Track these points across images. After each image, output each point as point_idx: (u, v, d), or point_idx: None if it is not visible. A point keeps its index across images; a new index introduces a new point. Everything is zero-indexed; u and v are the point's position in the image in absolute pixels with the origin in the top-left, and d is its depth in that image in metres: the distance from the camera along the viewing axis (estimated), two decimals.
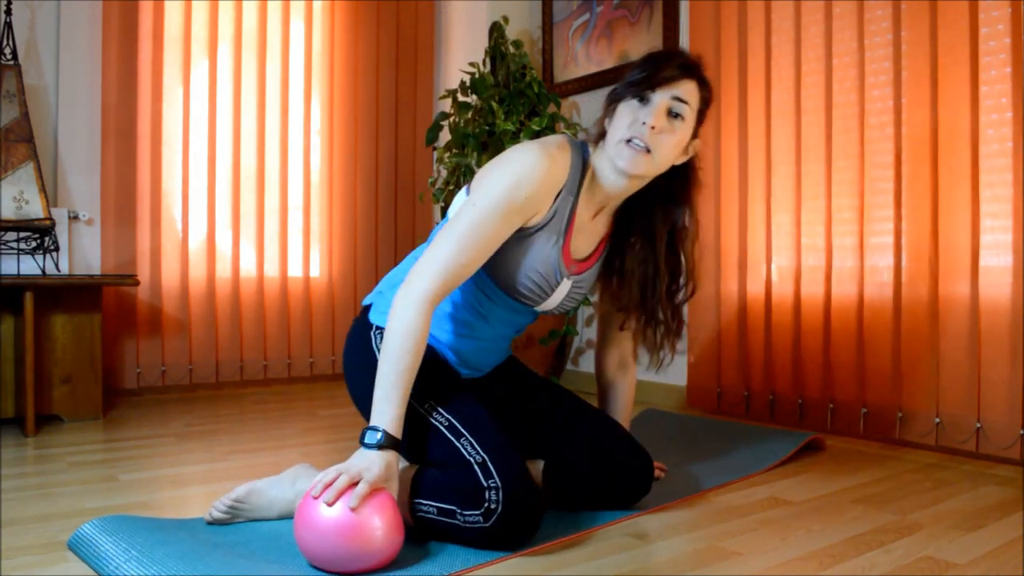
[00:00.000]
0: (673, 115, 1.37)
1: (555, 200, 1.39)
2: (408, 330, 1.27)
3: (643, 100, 1.37)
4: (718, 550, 1.33)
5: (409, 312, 1.27)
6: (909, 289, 2.14)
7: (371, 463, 1.20)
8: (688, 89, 1.39)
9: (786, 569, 1.24)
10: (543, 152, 1.35)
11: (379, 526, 1.16)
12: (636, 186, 1.42)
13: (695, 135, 1.44)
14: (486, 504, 1.25)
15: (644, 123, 1.34)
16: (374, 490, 1.18)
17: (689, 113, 1.39)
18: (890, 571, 1.23)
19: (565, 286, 1.48)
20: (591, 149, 1.45)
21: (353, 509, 1.15)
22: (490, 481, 1.25)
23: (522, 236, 1.39)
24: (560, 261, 1.43)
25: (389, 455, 1.23)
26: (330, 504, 1.15)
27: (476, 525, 1.26)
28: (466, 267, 1.32)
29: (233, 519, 1.40)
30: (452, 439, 1.34)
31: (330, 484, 1.18)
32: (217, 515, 1.40)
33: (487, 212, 1.31)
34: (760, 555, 1.31)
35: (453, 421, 1.36)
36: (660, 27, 2.89)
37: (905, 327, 2.15)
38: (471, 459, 1.29)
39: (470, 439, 1.32)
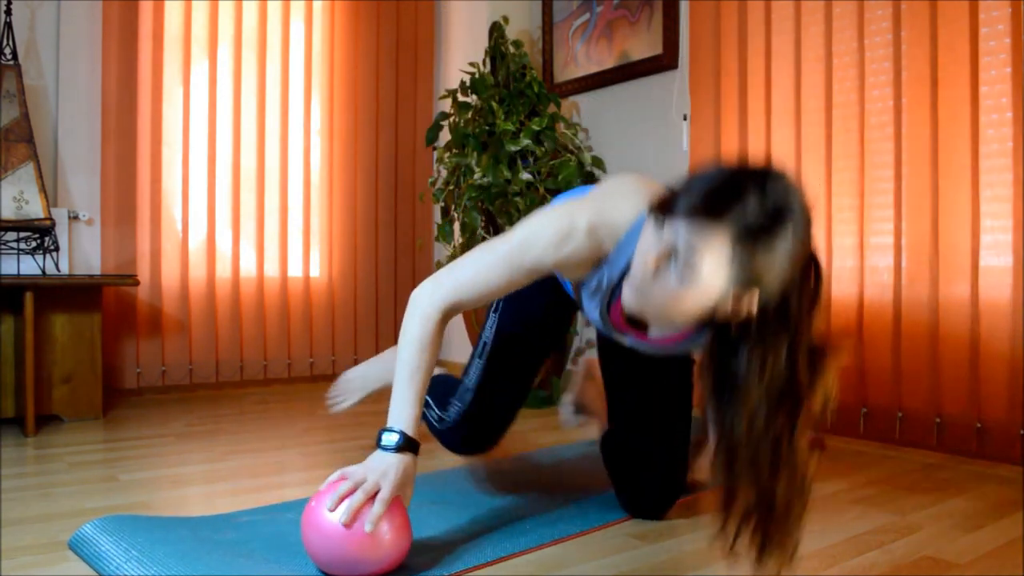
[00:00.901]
0: (684, 265, 1.01)
1: (595, 275, 1.27)
2: (421, 343, 1.27)
3: (662, 237, 1.04)
4: (718, 550, 1.33)
5: (425, 326, 1.28)
6: (909, 289, 2.14)
7: (388, 468, 1.19)
8: (705, 243, 1.00)
9: (786, 569, 1.24)
10: (579, 220, 1.21)
11: (389, 538, 1.15)
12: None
13: (747, 287, 1.01)
14: (448, 410, 1.56)
15: (646, 256, 1.06)
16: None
17: (708, 266, 0.99)
18: (890, 571, 1.23)
19: (628, 339, 1.33)
20: None
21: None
22: (456, 401, 1.54)
23: (580, 301, 1.36)
24: (609, 326, 1.32)
25: (407, 458, 1.21)
26: (347, 526, 1.12)
27: (433, 421, 1.56)
28: (479, 299, 1.30)
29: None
30: (476, 354, 1.58)
31: (344, 497, 1.14)
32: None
33: (505, 257, 1.25)
34: None
35: (488, 345, 1.57)
36: (660, 27, 2.89)
37: (905, 327, 2.15)
38: (464, 379, 1.54)
39: (481, 367, 1.54)
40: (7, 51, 2.67)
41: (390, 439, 1.21)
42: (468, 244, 2.91)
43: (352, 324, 3.53)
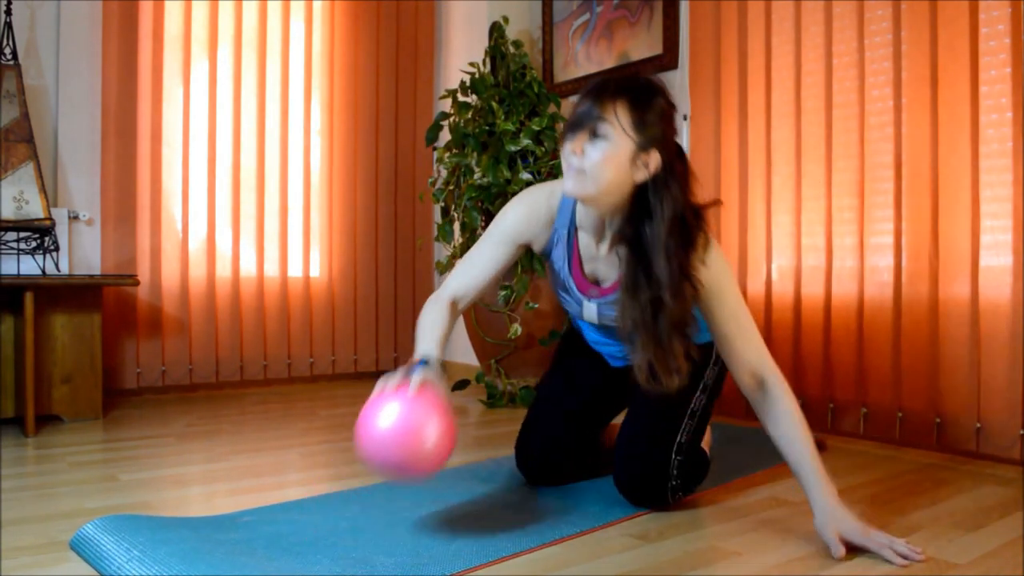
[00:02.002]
0: (592, 136, 1.37)
1: (552, 231, 1.61)
2: (428, 306, 1.56)
3: (574, 129, 1.40)
4: (718, 550, 1.33)
5: (433, 306, 1.56)
6: (909, 289, 2.14)
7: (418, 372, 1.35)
8: (610, 107, 1.36)
9: (786, 569, 1.24)
10: (530, 192, 1.65)
11: (434, 427, 1.27)
12: (601, 208, 1.45)
13: (646, 148, 1.36)
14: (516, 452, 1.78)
15: (570, 149, 1.40)
16: (430, 393, 1.30)
17: (614, 134, 1.35)
18: (890, 571, 1.23)
19: (591, 307, 1.60)
20: None
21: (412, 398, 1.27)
22: (517, 441, 1.77)
23: (545, 259, 1.67)
24: (571, 283, 1.61)
25: (433, 368, 1.38)
26: (390, 392, 1.29)
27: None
28: (476, 279, 1.61)
29: None
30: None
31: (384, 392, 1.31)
32: None
33: (485, 238, 1.63)
34: (760, 555, 1.31)
35: (540, 387, 1.89)
36: (660, 27, 2.89)
37: (905, 327, 2.15)
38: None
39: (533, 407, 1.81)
40: (7, 51, 2.67)
41: (415, 363, 1.37)
42: (468, 244, 2.91)
43: (352, 324, 3.53)
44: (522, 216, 1.61)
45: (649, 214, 1.40)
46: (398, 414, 1.25)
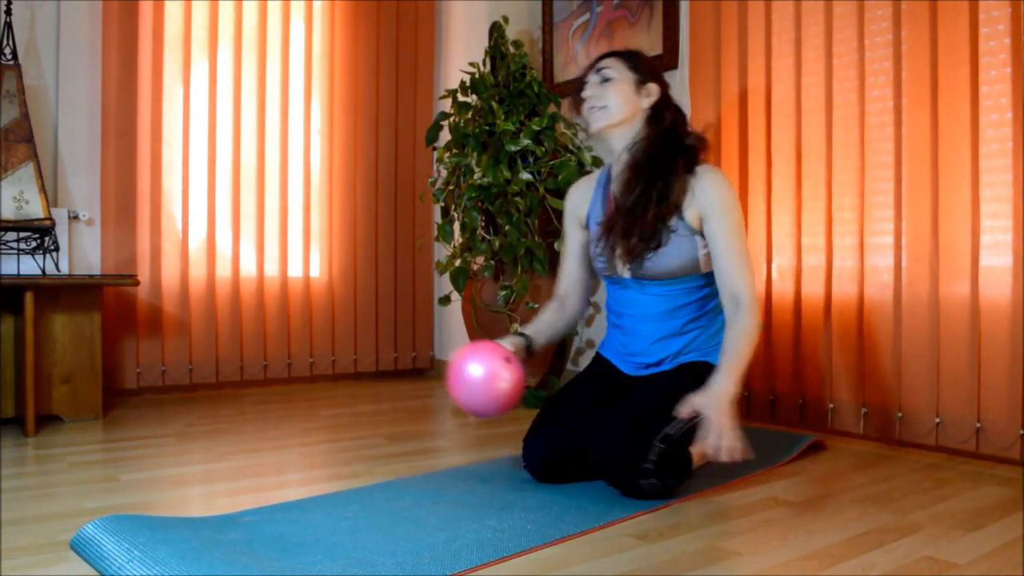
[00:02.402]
0: (602, 80, 1.81)
1: (591, 200, 1.95)
2: (540, 315, 2.01)
3: (583, 89, 1.86)
4: (718, 550, 1.33)
5: (545, 307, 2.01)
6: (909, 289, 2.14)
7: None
8: (605, 62, 1.83)
9: (786, 569, 1.24)
10: (576, 182, 2.09)
11: (504, 373, 1.67)
12: (620, 136, 1.84)
13: (644, 81, 1.82)
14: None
15: (587, 96, 1.83)
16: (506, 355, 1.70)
17: (616, 73, 1.81)
18: (890, 571, 1.23)
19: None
20: None
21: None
22: (525, 438, 1.83)
23: (588, 229, 1.96)
24: (603, 215, 1.88)
25: (515, 339, 1.84)
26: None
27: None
28: (568, 273, 2.01)
29: None
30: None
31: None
32: None
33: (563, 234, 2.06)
34: (760, 555, 1.31)
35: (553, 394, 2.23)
36: (660, 27, 2.89)
37: (905, 327, 2.15)
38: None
39: (543, 407, 1.90)
40: (7, 51, 2.67)
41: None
42: (468, 244, 2.91)
43: (352, 324, 3.53)
44: (570, 199, 2.01)
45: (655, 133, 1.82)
46: (482, 364, 1.67)
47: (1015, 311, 1.93)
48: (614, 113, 1.80)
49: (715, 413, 1.55)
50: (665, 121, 1.82)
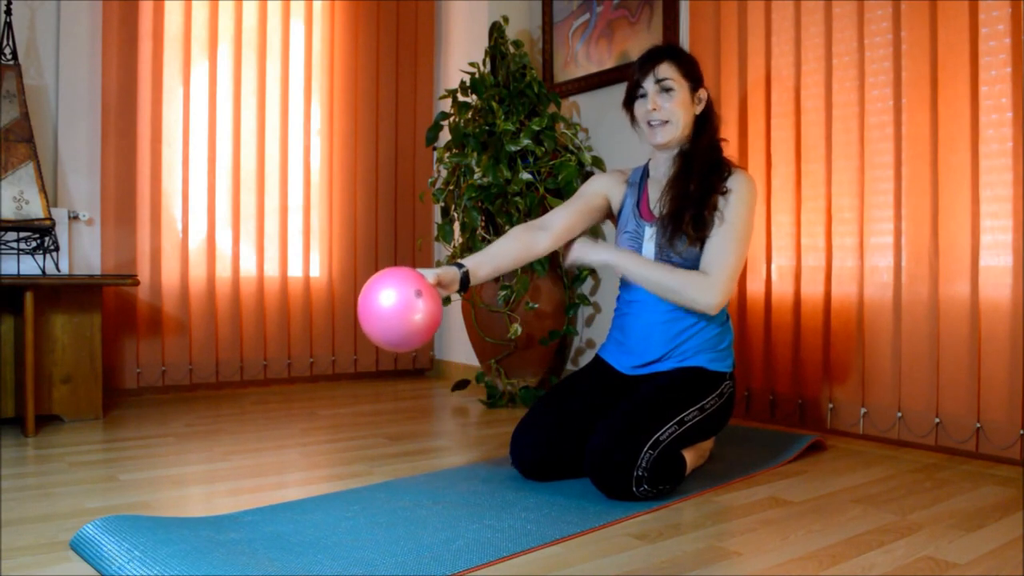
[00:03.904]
0: (664, 91, 1.81)
1: (626, 186, 1.97)
2: (500, 239, 1.85)
3: (642, 96, 1.84)
4: (718, 550, 1.33)
5: (510, 232, 1.88)
6: (909, 289, 2.14)
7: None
8: (664, 68, 1.81)
9: (786, 569, 1.24)
10: (607, 171, 2.26)
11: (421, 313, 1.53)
12: (674, 145, 1.86)
13: (696, 88, 1.84)
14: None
15: (650, 109, 1.82)
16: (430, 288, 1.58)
17: (675, 83, 1.81)
18: (890, 571, 1.23)
19: (650, 232, 1.85)
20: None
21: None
22: (513, 434, 1.82)
23: (618, 219, 1.97)
24: (639, 216, 1.90)
25: (452, 269, 1.71)
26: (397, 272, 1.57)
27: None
28: (560, 214, 1.92)
29: None
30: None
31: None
32: None
33: (580, 190, 2.02)
34: (760, 555, 1.31)
35: (543, 394, 2.03)
36: (660, 27, 2.89)
37: (905, 327, 2.15)
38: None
39: (533, 404, 1.88)
40: (7, 51, 2.67)
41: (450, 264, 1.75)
42: (468, 244, 2.91)
43: (352, 324, 3.53)
44: (604, 178, 2.01)
45: (699, 135, 1.86)
46: (393, 293, 1.52)
47: (1015, 311, 1.93)
48: (679, 127, 1.81)
49: (584, 252, 1.83)
50: (712, 128, 1.87)
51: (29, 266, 2.66)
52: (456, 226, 3.03)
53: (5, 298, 2.44)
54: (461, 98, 3.10)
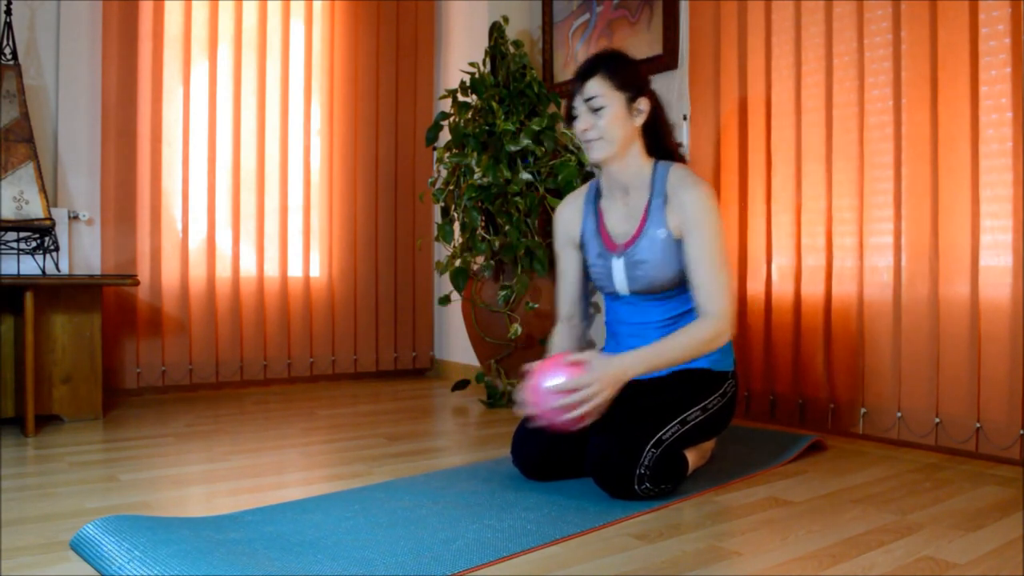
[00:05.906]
0: (594, 110, 1.74)
1: (582, 217, 1.91)
2: (556, 341, 1.95)
3: (575, 118, 1.79)
4: (718, 550, 1.33)
5: (556, 332, 1.97)
6: (909, 289, 2.14)
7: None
8: (592, 86, 1.74)
9: (786, 569, 1.24)
10: (566, 198, 2.00)
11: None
12: (620, 163, 1.80)
13: (635, 98, 1.76)
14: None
15: (582, 129, 1.76)
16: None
17: (604, 99, 1.73)
18: (890, 571, 1.23)
19: (619, 265, 1.82)
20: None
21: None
22: (514, 434, 1.82)
23: (584, 249, 1.92)
24: (601, 244, 1.86)
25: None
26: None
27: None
28: (567, 293, 1.98)
29: None
30: None
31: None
32: None
33: (556, 253, 2.01)
34: (760, 555, 1.31)
35: None
36: (660, 27, 2.89)
37: (905, 327, 2.15)
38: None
39: None
40: (7, 51, 2.67)
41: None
42: (468, 244, 2.91)
43: (352, 324, 3.53)
44: (561, 219, 1.96)
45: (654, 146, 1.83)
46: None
47: (1015, 311, 1.93)
48: (615, 143, 1.76)
49: (602, 381, 1.59)
50: (659, 137, 1.83)
51: (29, 266, 2.66)
52: (456, 226, 3.03)
53: (5, 298, 2.44)
54: (461, 98, 3.10)
